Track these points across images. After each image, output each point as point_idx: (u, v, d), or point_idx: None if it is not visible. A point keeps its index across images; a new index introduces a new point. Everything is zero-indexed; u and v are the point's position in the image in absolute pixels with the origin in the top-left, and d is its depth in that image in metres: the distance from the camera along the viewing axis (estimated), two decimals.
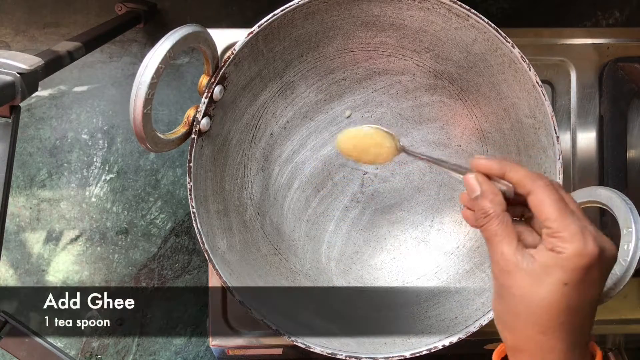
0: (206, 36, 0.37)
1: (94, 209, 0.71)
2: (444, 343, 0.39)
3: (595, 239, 0.28)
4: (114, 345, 0.70)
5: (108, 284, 0.71)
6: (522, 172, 0.31)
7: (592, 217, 0.53)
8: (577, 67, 0.54)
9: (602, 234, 0.29)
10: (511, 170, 0.32)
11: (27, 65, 0.41)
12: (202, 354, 0.71)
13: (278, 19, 0.40)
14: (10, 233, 0.70)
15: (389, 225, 0.52)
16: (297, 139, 0.50)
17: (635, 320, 0.54)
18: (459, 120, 0.49)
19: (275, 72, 0.46)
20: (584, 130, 0.54)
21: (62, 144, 0.71)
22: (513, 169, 0.32)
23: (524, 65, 0.40)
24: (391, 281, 0.50)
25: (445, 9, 0.41)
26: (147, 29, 0.70)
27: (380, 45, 0.47)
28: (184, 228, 0.71)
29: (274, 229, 0.49)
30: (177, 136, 0.39)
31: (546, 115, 0.40)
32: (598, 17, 0.72)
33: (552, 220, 0.29)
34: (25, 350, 0.38)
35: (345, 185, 0.52)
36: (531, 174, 0.31)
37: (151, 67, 0.34)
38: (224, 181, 0.46)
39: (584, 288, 0.28)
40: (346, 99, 0.50)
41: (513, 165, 0.32)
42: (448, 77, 0.47)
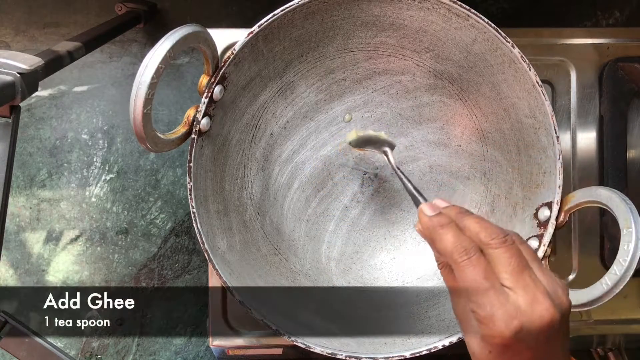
0: (206, 36, 0.37)
1: (94, 209, 0.71)
2: (444, 343, 0.39)
3: (512, 320, 0.28)
4: (114, 345, 0.70)
5: (108, 284, 0.71)
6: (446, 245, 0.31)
7: (592, 217, 0.54)
8: (577, 67, 0.54)
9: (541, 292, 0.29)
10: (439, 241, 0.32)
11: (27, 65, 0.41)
12: (202, 354, 0.71)
13: (278, 19, 0.40)
14: (10, 233, 0.70)
15: (389, 225, 0.52)
16: (297, 139, 0.50)
17: (635, 320, 0.54)
18: (459, 120, 0.49)
19: (275, 72, 0.46)
20: (584, 130, 0.54)
21: (62, 144, 0.71)
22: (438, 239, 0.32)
23: (524, 65, 0.40)
24: (391, 281, 0.50)
25: (445, 9, 0.41)
26: (147, 29, 0.70)
27: (380, 45, 0.47)
28: (184, 228, 0.71)
29: (274, 229, 0.49)
30: (177, 136, 0.39)
31: (546, 115, 0.40)
32: (598, 17, 0.72)
33: (469, 300, 0.30)
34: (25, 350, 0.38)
35: (345, 185, 0.52)
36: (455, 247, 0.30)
37: (151, 67, 0.34)
38: (224, 181, 0.46)
39: (510, 357, 0.29)
40: (346, 99, 0.50)
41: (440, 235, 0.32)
42: (448, 77, 0.47)
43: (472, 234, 0.31)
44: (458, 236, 0.31)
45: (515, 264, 0.30)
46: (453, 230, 0.31)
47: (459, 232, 0.31)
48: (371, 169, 0.52)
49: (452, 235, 0.31)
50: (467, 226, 0.32)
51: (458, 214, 0.33)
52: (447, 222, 0.32)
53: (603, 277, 0.37)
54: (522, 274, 0.29)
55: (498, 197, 0.48)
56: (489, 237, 0.30)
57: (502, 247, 0.30)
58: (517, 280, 0.29)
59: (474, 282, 0.29)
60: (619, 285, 0.36)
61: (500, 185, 0.48)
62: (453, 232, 0.31)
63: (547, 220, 0.41)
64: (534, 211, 0.43)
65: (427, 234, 0.33)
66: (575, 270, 0.54)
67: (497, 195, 0.48)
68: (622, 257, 0.36)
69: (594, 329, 0.55)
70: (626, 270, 0.35)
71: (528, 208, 0.44)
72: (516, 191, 0.46)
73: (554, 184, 0.41)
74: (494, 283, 0.29)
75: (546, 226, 0.41)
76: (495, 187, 0.48)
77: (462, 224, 0.32)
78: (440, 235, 0.32)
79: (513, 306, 0.29)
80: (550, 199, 0.41)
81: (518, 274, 0.29)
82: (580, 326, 0.54)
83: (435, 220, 0.32)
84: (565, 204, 0.41)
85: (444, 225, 0.32)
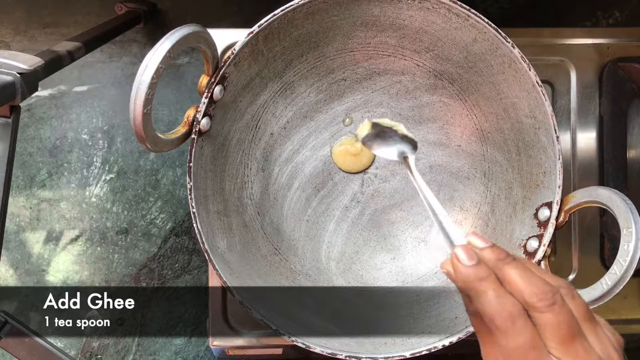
0: (206, 36, 0.37)
1: (94, 209, 0.71)
2: (444, 343, 0.39)
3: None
4: (114, 345, 0.70)
5: (108, 284, 0.71)
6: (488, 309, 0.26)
7: (592, 217, 0.54)
8: (577, 67, 0.54)
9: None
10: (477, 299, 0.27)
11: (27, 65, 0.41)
12: (202, 354, 0.71)
13: (278, 19, 0.40)
14: (10, 233, 0.70)
15: (389, 225, 0.52)
16: (297, 139, 0.50)
17: (635, 320, 0.54)
18: (459, 120, 0.49)
19: (275, 72, 0.46)
20: (584, 130, 0.54)
21: (62, 144, 0.71)
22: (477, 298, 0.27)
23: (524, 65, 0.40)
24: (391, 281, 0.50)
25: (445, 9, 0.41)
26: (147, 29, 0.70)
27: (380, 45, 0.47)
28: (184, 228, 0.71)
29: (274, 229, 0.49)
30: (177, 136, 0.39)
31: (546, 115, 0.40)
32: (598, 17, 0.72)
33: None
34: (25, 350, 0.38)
35: (345, 185, 0.52)
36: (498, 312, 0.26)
37: (151, 67, 0.34)
38: (224, 181, 0.46)
39: None
40: (346, 99, 0.50)
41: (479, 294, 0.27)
42: (448, 77, 0.47)
43: (514, 291, 0.27)
44: (501, 297, 0.27)
45: (566, 331, 0.26)
46: (494, 288, 0.27)
47: (501, 291, 0.27)
48: (371, 169, 0.52)
49: (494, 295, 0.27)
50: (509, 280, 0.27)
51: (498, 261, 0.28)
52: (487, 275, 0.27)
53: (603, 277, 0.37)
54: (573, 343, 0.26)
55: (498, 197, 0.48)
56: (535, 298, 0.26)
57: (550, 312, 0.26)
58: (568, 350, 0.26)
59: (519, 352, 0.26)
60: (619, 285, 0.36)
61: (500, 185, 0.48)
62: (494, 290, 0.27)
63: (547, 220, 0.41)
64: (534, 211, 0.43)
65: (463, 285, 0.28)
66: (575, 270, 0.54)
67: (497, 195, 0.48)
68: (622, 257, 0.36)
69: None
70: (626, 270, 0.35)
71: (528, 208, 0.44)
72: (516, 191, 0.46)
73: (554, 184, 0.41)
74: (541, 353, 0.26)
75: (546, 226, 0.41)
76: (495, 187, 0.48)
77: (502, 275, 0.28)
78: (479, 292, 0.27)
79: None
80: (550, 199, 0.41)
81: (569, 343, 0.26)
82: None
83: (473, 272, 0.28)
84: (565, 204, 0.41)
85: (483, 280, 0.27)
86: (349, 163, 0.51)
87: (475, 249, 0.29)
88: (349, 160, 0.51)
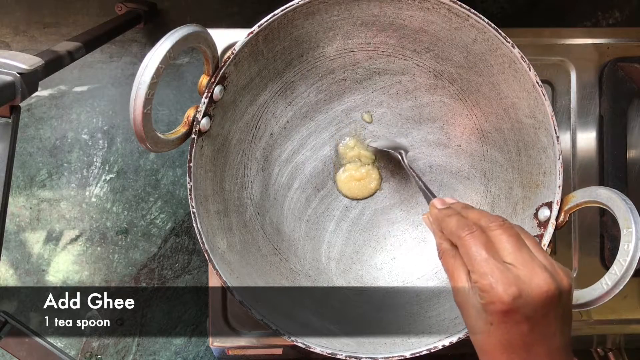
0: (206, 36, 0.37)
1: (94, 209, 0.71)
2: (444, 343, 0.39)
3: (511, 286, 0.30)
4: (114, 345, 0.70)
5: (108, 284, 0.71)
6: (452, 226, 0.34)
7: (592, 217, 0.54)
8: (577, 67, 0.54)
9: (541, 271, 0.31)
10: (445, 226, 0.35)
11: (27, 65, 0.41)
12: (202, 354, 0.71)
13: (278, 19, 0.40)
14: (10, 233, 0.70)
15: (389, 225, 0.52)
16: (297, 139, 0.50)
17: (635, 320, 0.54)
18: (459, 120, 0.49)
19: (275, 72, 0.46)
20: (584, 130, 0.54)
21: (62, 144, 0.71)
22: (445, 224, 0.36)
23: (524, 65, 0.40)
24: (391, 281, 0.50)
25: (445, 9, 0.41)
26: (147, 29, 0.70)
27: (380, 45, 0.47)
28: (184, 228, 0.71)
29: (274, 229, 0.49)
30: (177, 136, 0.39)
31: (546, 115, 0.40)
32: (598, 17, 0.72)
33: (471, 272, 0.32)
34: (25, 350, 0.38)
35: None
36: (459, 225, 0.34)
37: (151, 67, 0.34)
38: (224, 181, 0.46)
39: (510, 327, 0.31)
40: (346, 99, 0.50)
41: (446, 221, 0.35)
42: (448, 77, 0.47)
43: (474, 220, 0.34)
44: (462, 219, 0.35)
45: (514, 242, 0.32)
46: (458, 216, 0.35)
47: (463, 217, 0.35)
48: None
49: (457, 218, 0.35)
50: (470, 215, 0.35)
51: (463, 207, 0.37)
52: (454, 213, 0.36)
53: (603, 277, 0.37)
54: (520, 251, 0.32)
55: (498, 197, 0.48)
56: (488, 222, 0.34)
57: (500, 229, 0.33)
58: (516, 256, 0.32)
59: (477, 253, 0.32)
60: (619, 285, 0.36)
61: (500, 185, 0.48)
62: (458, 217, 0.35)
63: (547, 220, 0.41)
64: (534, 211, 0.43)
65: (436, 223, 0.37)
66: (575, 270, 0.54)
67: (497, 195, 0.48)
68: (622, 257, 0.36)
69: (594, 329, 0.55)
70: (626, 270, 0.35)
71: (528, 208, 0.44)
72: (516, 191, 0.46)
73: (554, 184, 0.41)
74: (494, 255, 0.32)
75: (546, 226, 0.41)
76: (495, 187, 0.48)
77: (465, 214, 0.35)
78: (447, 222, 0.35)
79: (512, 275, 0.31)
80: (550, 199, 0.41)
81: (517, 250, 0.32)
82: (580, 326, 0.54)
83: (444, 211, 0.37)
84: (565, 204, 0.41)
85: (451, 215, 0.36)
86: (355, 189, 0.51)
87: (447, 203, 0.39)
88: (354, 187, 0.51)
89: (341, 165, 0.51)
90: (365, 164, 0.51)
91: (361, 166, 0.51)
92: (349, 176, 0.51)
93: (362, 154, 0.51)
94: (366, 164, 0.51)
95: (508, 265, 0.31)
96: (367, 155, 0.51)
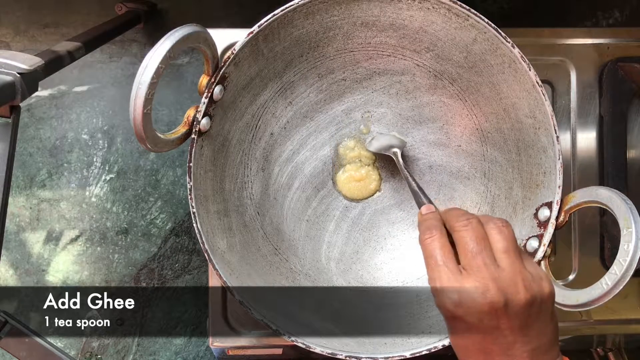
0: (206, 36, 0.37)
1: (94, 209, 0.71)
2: (444, 343, 0.39)
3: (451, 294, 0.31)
4: (114, 345, 0.70)
5: (108, 284, 0.71)
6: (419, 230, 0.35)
7: (592, 217, 0.54)
8: (577, 67, 0.54)
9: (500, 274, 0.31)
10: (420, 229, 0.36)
11: (27, 65, 0.41)
12: (202, 354, 0.71)
13: (278, 19, 0.40)
14: (10, 233, 0.70)
15: (388, 225, 0.52)
16: (297, 139, 0.50)
17: (635, 320, 0.54)
18: (459, 120, 0.49)
19: (275, 72, 0.46)
20: (584, 130, 0.54)
21: (62, 144, 0.71)
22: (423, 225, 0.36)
23: (524, 65, 0.40)
24: (391, 281, 0.50)
25: (445, 9, 0.41)
26: (147, 29, 0.70)
27: (380, 45, 0.47)
28: (184, 228, 0.71)
29: (274, 229, 0.49)
30: (177, 136, 0.39)
31: (546, 115, 0.40)
32: (598, 17, 0.72)
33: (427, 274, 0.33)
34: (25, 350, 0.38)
35: None
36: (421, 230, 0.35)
37: (151, 67, 0.34)
38: (224, 181, 0.46)
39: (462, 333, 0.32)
40: (346, 99, 0.50)
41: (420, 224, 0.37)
42: (448, 77, 0.47)
43: (446, 221, 0.35)
44: (435, 219, 0.35)
45: (473, 246, 0.32)
46: (430, 219, 0.36)
47: (434, 221, 0.36)
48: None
49: (433, 218, 0.36)
50: (445, 217, 0.36)
51: (445, 210, 0.37)
52: (435, 216, 0.36)
53: (603, 277, 0.37)
54: (475, 258, 0.31)
55: (498, 197, 0.48)
56: (456, 222, 0.33)
57: (463, 230, 0.33)
58: (470, 262, 0.31)
59: (430, 258, 0.33)
60: (619, 285, 0.36)
61: (500, 185, 0.48)
62: (429, 220, 0.36)
63: (547, 220, 0.41)
64: (534, 211, 0.43)
65: (421, 223, 0.37)
66: (575, 270, 0.54)
67: (497, 195, 0.48)
68: (622, 257, 0.36)
69: (594, 329, 0.55)
70: (626, 270, 0.35)
71: (528, 208, 0.44)
72: (516, 191, 0.46)
73: (554, 184, 0.41)
74: (446, 261, 0.32)
75: (546, 226, 0.41)
76: (495, 187, 0.48)
77: (444, 216, 0.36)
78: (427, 222, 0.36)
79: (458, 283, 0.31)
80: (550, 199, 0.41)
81: (472, 256, 0.31)
82: (580, 326, 0.54)
83: (431, 215, 0.37)
84: (565, 204, 0.41)
85: (429, 218, 0.36)
86: (354, 190, 0.51)
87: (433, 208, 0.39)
88: (353, 187, 0.51)
89: (341, 166, 0.51)
90: (365, 165, 0.51)
91: (361, 167, 0.51)
92: (349, 177, 0.51)
93: (362, 155, 0.51)
94: (366, 164, 0.51)
95: (461, 269, 0.32)
96: (367, 155, 0.51)
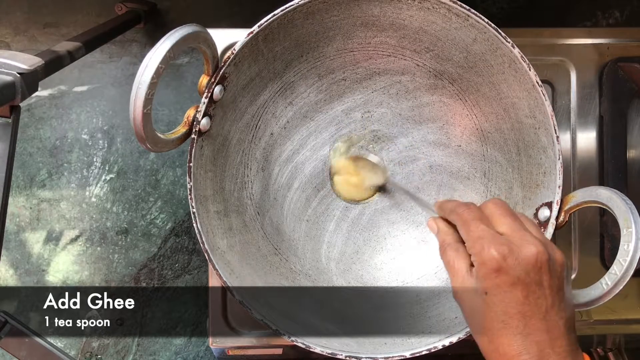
0: (206, 36, 0.37)
1: (94, 209, 0.71)
2: (444, 343, 0.39)
3: (502, 246, 0.32)
4: (114, 345, 0.70)
5: (108, 284, 0.71)
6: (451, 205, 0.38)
7: (592, 217, 0.54)
8: (577, 67, 0.54)
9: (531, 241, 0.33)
10: (444, 207, 0.39)
11: (27, 65, 0.41)
12: (202, 354, 0.71)
13: (278, 19, 0.40)
14: (10, 233, 0.70)
15: (389, 225, 0.52)
16: (297, 139, 0.50)
17: (635, 320, 0.54)
18: (459, 120, 0.49)
19: (275, 72, 0.46)
20: (584, 130, 0.54)
21: (62, 144, 0.71)
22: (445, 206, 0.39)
23: (524, 65, 0.40)
24: (391, 281, 0.50)
25: (445, 9, 0.41)
26: (147, 29, 0.70)
27: (380, 45, 0.47)
28: (184, 228, 0.71)
29: (274, 229, 0.49)
30: (177, 136, 0.39)
31: (546, 115, 0.40)
32: (598, 17, 0.72)
33: (466, 240, 0.34)
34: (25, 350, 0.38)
35: None
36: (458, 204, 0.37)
37: (151, 67, 0.34)
38: (224, 181, 0.46)
39: (504, 293, 0.31)
40: (346, 99, 0.50)
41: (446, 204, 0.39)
42: (448, 77, 0.47)
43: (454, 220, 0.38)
44: (461, 202, 0.38)
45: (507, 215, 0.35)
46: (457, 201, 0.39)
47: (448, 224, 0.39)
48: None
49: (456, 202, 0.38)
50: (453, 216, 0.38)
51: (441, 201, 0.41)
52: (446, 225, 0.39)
53: (603, 277, 0.37)
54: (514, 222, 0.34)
55: (498, 197, 0.48)
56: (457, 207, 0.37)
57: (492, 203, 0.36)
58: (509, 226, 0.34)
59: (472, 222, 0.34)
60: (619, 285, 0.36)
61: (500, 185, 0.48)
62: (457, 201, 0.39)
63: (547, 220, 0.41)
64: (534, 211, 0.43)
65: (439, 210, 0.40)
66: (575, 270, 0.54)
67: (497, 195, 0.48)
68: (622, 257, 0.36)
69: (594, 329, 0.55)
70: (626, 270, 0.35)
71: (528, 208, 0.44)
72: (516, 191, 0.46)
73: (554, 184, 0.41)
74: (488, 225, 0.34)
75: (546, 226, 0.41)
76: (495, 187, 0.48)
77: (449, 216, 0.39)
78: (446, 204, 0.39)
79: (504, 239, 0.33)
80: (550, 199, 0.41)
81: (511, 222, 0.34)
82: (580, 326, 0.54)
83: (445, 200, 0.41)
84: (565, 204, 0.41)
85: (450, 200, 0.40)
86: (353, 192, 0.51)
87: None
88: (351, 190, 0.51)
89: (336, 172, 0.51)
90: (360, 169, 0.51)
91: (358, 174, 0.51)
92: (344, 180, 0.51)
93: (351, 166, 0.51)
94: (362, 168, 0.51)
95: (501, 233, 0.33)
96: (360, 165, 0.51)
